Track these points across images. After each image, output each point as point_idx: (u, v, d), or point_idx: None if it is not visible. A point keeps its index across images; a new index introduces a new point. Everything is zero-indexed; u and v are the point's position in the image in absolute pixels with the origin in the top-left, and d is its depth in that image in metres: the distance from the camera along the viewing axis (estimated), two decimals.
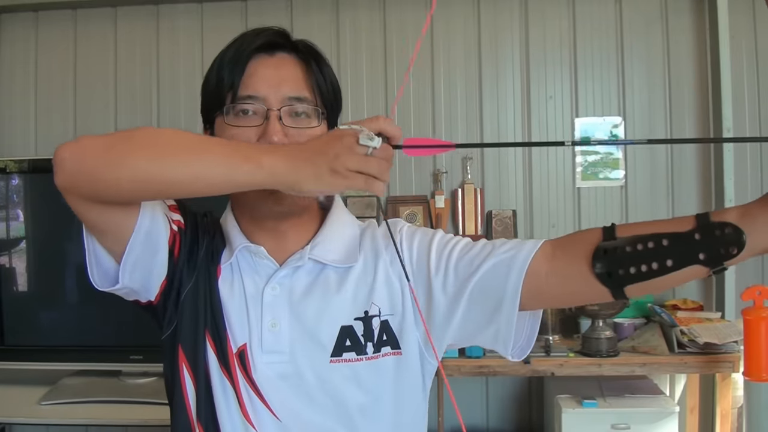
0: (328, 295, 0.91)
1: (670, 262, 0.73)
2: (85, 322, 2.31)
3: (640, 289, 0.77)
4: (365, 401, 0.90)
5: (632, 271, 0.75)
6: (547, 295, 0.85)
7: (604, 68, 2.61)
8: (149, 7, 2.67)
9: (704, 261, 0.72)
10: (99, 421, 2.14)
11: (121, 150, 0.76)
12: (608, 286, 0.77)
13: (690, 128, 2.58)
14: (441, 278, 0.89)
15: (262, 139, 0.85)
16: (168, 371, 0.94)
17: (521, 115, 2.63)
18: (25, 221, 2.38)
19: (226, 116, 0.88)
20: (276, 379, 0.88)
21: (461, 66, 2.63)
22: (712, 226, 0.71)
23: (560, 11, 2.61)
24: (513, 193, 2.63)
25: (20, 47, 2.70)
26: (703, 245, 0.72)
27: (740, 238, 0.70)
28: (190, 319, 0.91)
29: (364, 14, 2.65)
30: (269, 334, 0.89)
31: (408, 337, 0.92)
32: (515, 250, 0.86)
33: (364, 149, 0.72)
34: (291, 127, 0.87)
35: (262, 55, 0.89)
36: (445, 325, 0.90)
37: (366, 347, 0.90)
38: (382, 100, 2.63)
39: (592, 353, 2.13)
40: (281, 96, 0.87)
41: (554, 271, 0.83)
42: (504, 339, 0.87)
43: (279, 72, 0.89)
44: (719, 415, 2.17)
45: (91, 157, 0.76)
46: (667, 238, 0.73)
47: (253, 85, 0.88)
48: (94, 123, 2.67)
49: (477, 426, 2.59)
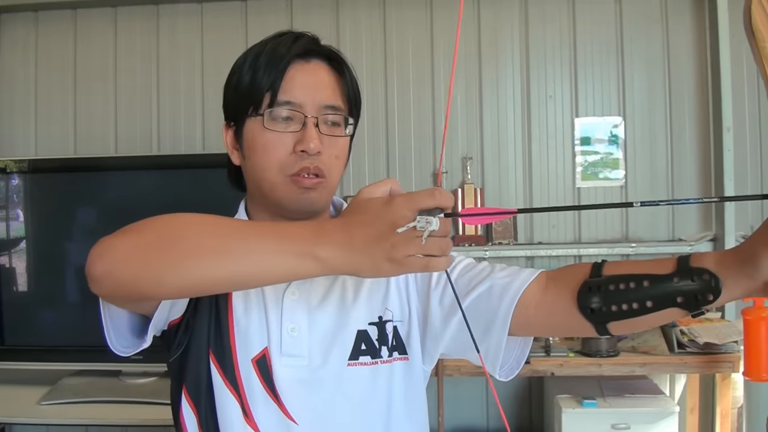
0: (345, 299, 0.93)
1: (650, 303, 0.75)
2: (85, 322, 2.30)
3: (623, 327, 0.79)
4: (380, 404, 0.92)
5: (614, 309, 0.77)
6: (535, 325, 0.88)
7: (604, 68, 2.61)
8: (149, 7, 2.67)
9: (681, 304, 0.73)
10: (99, 421, 2.14)
11: (160, 260, 0.73)
12: (591, 321, 0.79)
13: (690, 128, 2.58)
14: (439, 291, 0.92)
15: (298, 145, 0.87)
16: (173, 396, 0.95)
17: (521, 115, 2.63)
18: (25, 221, 2.38)
19: (264, 120, 0.89)
20: (294, 383, 0.89)
21: (461, 65, 2.62)
22: (691, 271, 0.73)
23: (560, 11, 2.62)
24: (513, 193, 2.63)
25: (20, 47, 2.70)
26: (681, 289, 0.73)
27: (717, 285, 0.71)
28: (196, 342, 0.91)
29: (364, 14, 2.65)
30: (289, 338, 0.90)
31: (413, 343, 0.94)
32: (511, 277, 0.88)
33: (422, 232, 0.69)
34: (326, 135, 0.89)
35: (299, 61, 0.90)
36: (439, 336, 0.93)
37: (380, 351, 0.92)
38: (382, 100, 2.63)
39: (592, 353, 2.13)
40: (317, 103, 0.89)
41: (543, 303, 0.84)
42: (492, 359, 0.89)
43: (315, 80, 0.90)
44: (719, 415, 2.17)
45: (128, 271, 0.73)
46: (648, 280, 0.75)
47: (291, 91, 0.88)
48: (94, 123, 2.67)
49: (477, 426, 2.59)
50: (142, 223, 0.77)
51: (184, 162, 2.37)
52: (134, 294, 0.77)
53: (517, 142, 2.63)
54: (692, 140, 2.58)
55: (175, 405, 0.93)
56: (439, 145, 2.63)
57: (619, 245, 2.53)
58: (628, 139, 2.60)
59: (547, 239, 2.60)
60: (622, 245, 2.53)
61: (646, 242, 2.54)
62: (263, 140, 0.88)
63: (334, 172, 0.91)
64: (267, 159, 0.88)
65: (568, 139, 2.62)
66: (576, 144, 2.61)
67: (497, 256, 2.53)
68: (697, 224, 2.58)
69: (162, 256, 0.73)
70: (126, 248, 0.74)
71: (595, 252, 2.53)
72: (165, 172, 2.35)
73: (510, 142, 2.63)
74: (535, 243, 2.59)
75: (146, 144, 2.66)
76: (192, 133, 2.64)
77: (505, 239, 2.56)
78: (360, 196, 0.73)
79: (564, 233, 2.60)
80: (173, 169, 2.34)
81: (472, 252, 2.48)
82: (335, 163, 0.91)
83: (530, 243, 2.60)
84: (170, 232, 0.75)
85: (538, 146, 2.62)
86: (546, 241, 2.59)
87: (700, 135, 2.58)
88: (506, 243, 2.56)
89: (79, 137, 2.68)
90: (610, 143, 2.60)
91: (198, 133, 2.65)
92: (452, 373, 2.12)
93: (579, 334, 0.86)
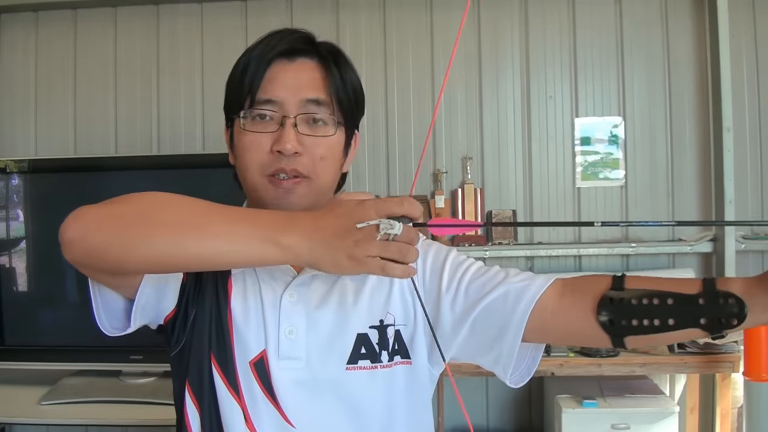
0: (344, 303, 0.92)
1: (672, 321, 0.75)
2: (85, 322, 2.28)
3: (639, 341, 0.79)
4: (379, 409, 0.91)
5: (634, 324, 0.77)
6: (550, 332, 0.87)
7: (604, 68, 2.61)
8: (149, 7, 2.67)
9: (704, 326, 0.74)
10: (99, 421, 2.14)
11: (133, 230, 0.75)
12: (609, 333, 0.79)
13: (690, 128, 2.58)
14: (451, 296, 0.91)
15: (275, 145, 0.86)
16: (176, 393, 0.95)
17: (521, 115, 2.63)
18: (25, 221, 2.38)
19: (243, 120, 0.89)
20: (292, 386, 0.89)
21: (461, 65, 2.63)
22: (717, 294, 0.73)
23: (560, 11, 2.62)
24: (513, 193, 2.63)
25: (20, 47, 2.70)
26: (706, 311, 0.73)
27: (742, 311, 0.72)
28: (197, 344, 0.91)
29: (364, 15, 2.65)
30: (286, 340, 0.89)
31: (417, 347, 0.93)
32: (527, 282, 0.87)
33: (385, 235, 0.72)
34: (306, 135, 0.88)
35: (283, 60, 0.89)
36: (449, 341, 0.92)
37: (380, 355, 0.91)
38: (382, 100, 2.63)
39: (592, 353, 2.13)
40: (298, 100, 0.88)
41: (560, 310, 0.84)
42: (504, 365, 0.89)
43: (298, 77, 0.89)
44: (719, 415, 2.17)
45: (100, 238, 0.75)
46: (672, 298, 0.75)
47: (272, 90, 0.88)
48: (93, 123, 2.67)
49: (477, 426, 2.58)
50: (121, 197, 0.79)
51: (184, 162, 2.37)
52: (102, 262, 0.78)
53: (517, 142, 2.63)
54: (692, 140, 2.58)
55: (178, 400, 0.93)
56: (440, 145, 2.63)
57: (619, 245, 2.53)
58: (628, 139, 2.60)
59: (546, 239, 2.60)
60: (622, 245, 2.53)
61: (646, 242, 2.54)
62: (244, 141, 0.89)
63: (321, 172, 0.89)
64: (247, 159, 0.89)
65: (568, 139, 2.62)
66: (576, 144, 2.61)
67: (497, 256, 2.53)
68: None
69: (135, 227, 0.75)
70: (101, 216, 0.77)
71: (595, 252, 2.53)
72: (165, 172, 2.34)
73: (510, 142, 2.63)
74: (535, 243, 2.59)
75: (146, 144, 2.66)
76: (192, 133, 2.64)
77: (505, 239, 2.56)
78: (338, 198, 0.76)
79: (564, 233, 2.60)
80: (173, 169, 2.34)
81: (472, 252, 2.48)
82: (321, 164, 0.89)
83: (530, 243, 2.60)
84: (147, 206, 0.78)
85: (538, 146, 2.62)
86: (546, 241, 2.59)
87: (700, 135, 2.58)
88: (506, 243, 2.56)
89: (79, 137, 2.68)
90: (610, 143, 2.60)
91: (198, 133, 2.65)
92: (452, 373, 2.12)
93: (593, 344, 0.85)
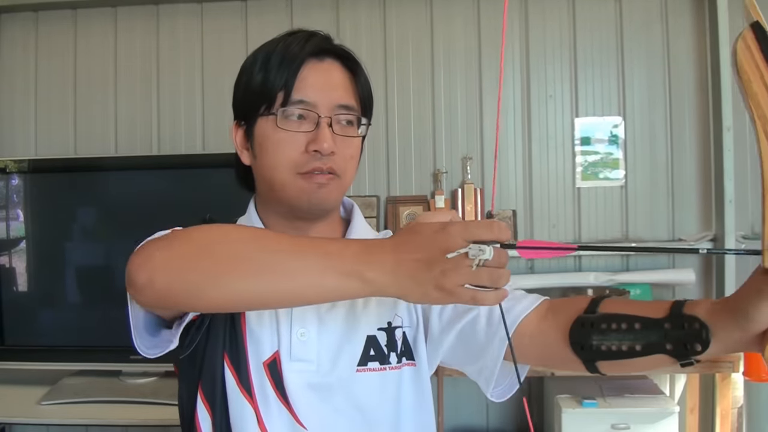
0: (355, 305, 0.93)
1: (638, 346, 0.72)
2: (85, 322, 2.31)
3: (612, 367, 0.77)
4: (388, 410, 0.92)
5: (603, 348, 0.75)
6: (528, 355, 0.86)
7: (604, 68, 2.61)
8: (149, 7, 2.67)
9: (670, 351, 0.70)
10: (99, 421, 2.14)
11: (208, 269, 0.72)
12: (581, 358, 0.78)
13: (690, 128, 2.58)
14: (439, 305, 0.92)
15: (312, 144, 0.87)
16: (183, 397, 0.94)
17: (521, 115, 2.63)
18: (25, 221, 2.38)
19: (277, 119, 0.88)
20: (304, 388, 0.89)
21: (461, 65, 2.63)
22: (683, 317, 0.70)
23: (560, 11, 2.62)
24: (513, 193, 2.63)
25: (20, 47, 2.70)
26: (671, 336, 0.70)
27: (706, 335, 0.67)
28: (212, 345, 0.91)
29: (364, 14, 2.65)
30: (298, 342, 0.90)
31: (420, 348, 0.95)
32: (513, 302, 0.87)
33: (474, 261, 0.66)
34: (339, 135, 0.89)
35: (312, 60, 0.90)
36: (437, 346, 0.94)
37: (389, 357, 0.92)
38: (382, 100, 2.63)
39: None
40: (331, 103, 0.89)
41: (539, 334, 0.84)
42: (486, 379, 0.90)
43: (329, 79, 0.90)
44: (719, 415, 2.17)
45: (174, 281, 0.73)
46: (640, 322, 0.72)
47: (305, 90, 0.88)
48: (94, 123, 2.67)
49: (477, 426, 2.59)
50: (183, 233, 0.76)
51: (184, 162, 2.37)
52: (175, 306, 0.77)
53: (517, 142, 2.63)
54: (692, 140, 2.58)
55: (189, 404, 0.92)
56: (440, 144, 2.63)
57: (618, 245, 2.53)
58: (628, 139, 2.60)
59: (547, 239, 2.60)
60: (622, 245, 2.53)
61: (646, 242, 2.54)
62: (276, 139, 0.88)
63: (348, 171, 0.91)
64: (279, 157, 0.88)
65: (568, 139, 2.62)
66: (576, 144, 2.61)
67: None
68: (697, 224, 2.58)
69: (201, 269, 0.72)
70: (168, 258, 0.73)
71: (595, 252, 2.53)
72: (165, 172, 2.35)
73: (510, 142, 2.63)
74: None
75: (146, 144, 2.66)
76: (192, 133, 2.64)
77: None
78: (416, 221, 0.71)
79: (564, 233, 2.60)
80: (173, 169, 2.34)
81: None
82: (350, 163, 0.91)
83: None
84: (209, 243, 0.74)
85: (538, 146, 2.62)
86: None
87: (700, 135, 2.58)
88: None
89: (79, 137, 2.68)
90: (610, 143, 2.60)
91: (198, 133, 2.65)
92: (452, 373, 2.12)
93: (571, 369, 0.82)
